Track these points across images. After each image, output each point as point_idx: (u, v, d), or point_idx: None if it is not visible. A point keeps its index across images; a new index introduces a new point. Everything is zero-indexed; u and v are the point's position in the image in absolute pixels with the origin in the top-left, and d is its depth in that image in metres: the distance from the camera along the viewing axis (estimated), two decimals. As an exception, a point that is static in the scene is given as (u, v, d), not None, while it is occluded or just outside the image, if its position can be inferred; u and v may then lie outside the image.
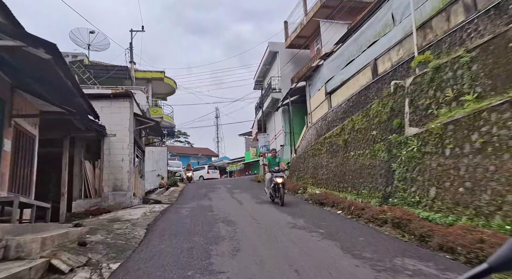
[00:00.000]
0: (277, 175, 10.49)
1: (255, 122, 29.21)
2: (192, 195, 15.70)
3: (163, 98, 30.23)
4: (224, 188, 17.97)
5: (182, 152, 56.97)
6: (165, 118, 26.73)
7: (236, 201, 12.16)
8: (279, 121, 24.10)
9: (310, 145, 17.46)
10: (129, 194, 12.80)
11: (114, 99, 13.42)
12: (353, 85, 13.59)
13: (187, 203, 12.35)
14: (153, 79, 26.84)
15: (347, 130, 12.54)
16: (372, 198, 9.56)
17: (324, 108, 16.29)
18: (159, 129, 15.55)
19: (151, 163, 23.10)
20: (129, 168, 13.02)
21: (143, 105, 23.54)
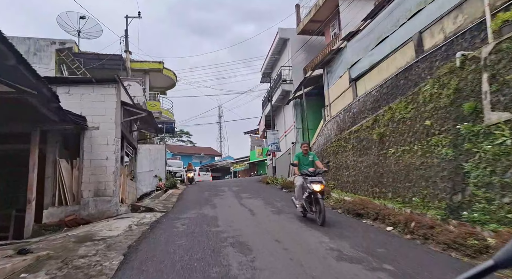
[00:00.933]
0: (313, 180, 7.22)
1: (262, 118, 26.83)
2: (192, 200, 13.33)
3: (162, 92, 27.88)
4: (229, 192, 15.59)
5: (184, 151, 54.70)
6: (164, 114, 24.38)
7: (246, 210, 9.76)
8: (289, 116, 21.71)
9: (329, 141, 15.06)
10: (114, 200, 10.45)
11: (97, 85, 11.06)
12: (388, 68, 11.18)
13: (186, 212, 9.97)
14: (151, 71, 24.49)
15: (383, 122, 10.13)
16: (429, 209, 7.15)
17: (347, 98, 13.88)
18: (152, 122, 13.18)
19: (147, 163, 20.81)
20: (115, 168, 10.67)
21: (139, 97, 21.20)
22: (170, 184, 20.26)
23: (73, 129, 10.32)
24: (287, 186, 16.61)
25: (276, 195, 13.79)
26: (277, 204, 10.72)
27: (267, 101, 25.52)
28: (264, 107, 26.48)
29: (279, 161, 22.49)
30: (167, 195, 16.04)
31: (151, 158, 20.96)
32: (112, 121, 10.95)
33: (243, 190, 16.24)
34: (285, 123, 23.13)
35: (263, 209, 9.92)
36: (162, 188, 19.62)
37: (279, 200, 11.95)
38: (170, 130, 23.56)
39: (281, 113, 23.74)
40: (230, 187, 18.27)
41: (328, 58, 15.29)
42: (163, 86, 27.43)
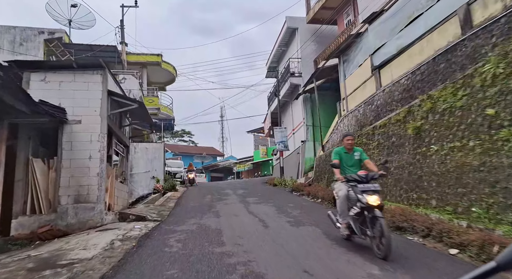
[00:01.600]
0: (366, 189, 5.02)
1: (268, 115, 25.14)
2: (192, 206, 11.64)
3: (161, 88, 26.23)
4: (234, 196, 13.91)
5: (185, 151, 53.09)
6: (162, 110, 22.73)
7: (256, 220, 8.06)
8: (298, 112, 20.01)
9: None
10: (99, 208, 8.78)
11: (80, 71, 9.39)
12: (422, 51, 9.46)
13: (183, 222, 8.28)
14: (149, 64, 22.83)
15: (419, 114, 8.42)
16: (499, 224, 5.45)
17: (368, 89, 12.17)
18: (145, 115, 11.48)
19: (144, 163, 19.17)
20: (100, 169, 9.00)
21: (135, 92, 19.57)
22: (169, 186, 18.59)
23: (50, 123, 8.66)
24: (298, 189, 14.93)
25: (288, 200, 12.10)
26: (293, 212, 9.02)
27: (273, 96, 23.83)
28: (270, 103, 24.80)
29: (287, 161, 20.81)
30: (164, 199, 14.37)
31: (148, 158, 19.31)
32: (96, 113, 9.27)
33: (249, 194, 14.56)
34: (293, 120, 21.43)
35: (276, 218, 8.21)
36: (160, 191, 17.97)
37: (293, 206, 10.25)
38: (169, 128, 21.91)
39: (289, 109, 22.04)
40: (235, 190, 16.59)
41: (345, 45, 13.59)
42: (162, 81, 25.77)
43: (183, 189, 19.42)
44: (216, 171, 46.84)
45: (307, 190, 13.74)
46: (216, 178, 45.77)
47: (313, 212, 8.96)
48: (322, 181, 14.89)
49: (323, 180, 14.83)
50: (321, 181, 15.15)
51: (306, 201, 11.78)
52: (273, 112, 24.20)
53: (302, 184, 15.47)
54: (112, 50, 20.18)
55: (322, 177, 15.12)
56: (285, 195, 14.10)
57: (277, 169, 24.37)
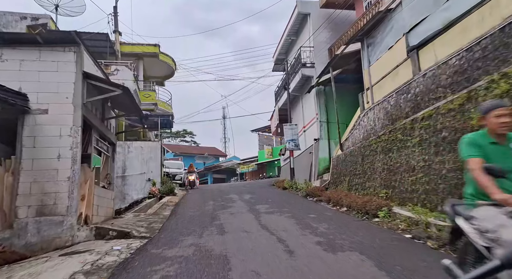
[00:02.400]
0: None
1: (275, 112, 23.12)
2: (191, 215, 9.63)
3: (159, 83, 24.27)
4: (240, 202, 11.91)
5: (187, 151, 51.17)
6: (160, 106, 20.75)
7: (273, 240, 6.04)
8: (310, 108, 17.99)
9: (372, 135, 11.34)
10: (69, 222, 6.80)
11: (47, 48, 7.42)
12: (482, 21, 7.45)
13: (177, 243, 6.28)
14: (145, 56, 20.86)
15: (488, 99, 6.38)
16: None
17: (402, 75, 10.15)
18: (133, 105, 9.41)
19: (139, 164, 17.25)
20: (72, 172, 7.02)
21: (129, 85, 17.61)
22: (166, 190, 16.63)
23: (6, 113, 6.69)
24: (314, 193, 12.91)
25: (306, 208, 10.09)
26: (319, 227, 6.99)
27: (281, 91, 21.81)
28: (277, 98, 22.77)
29: (297, 162, 18.79)
30: (159, 206, 12.38)
31: (143, 158, 17.36)
32: (68, 101, 7.31)
33: (258, 199, 12.55)
34: (304, 116, 19.40)
35: (300, 237, 6.19)
36: (156, 195, 16.01)
37: (316, 218, 8.23)
38: (167, 125, 19.94)
39: (299, 104, 20.01)
40: (240, 194, 14.58)
41: (370, 25, 11.57)
42: (160, 75, 23.81)
43: (182, 193, 17.44)
44: (219, 172, 44.84)
45: (326, 195, 11.71)
46: (219, 180, 43.78)
47: (346, 228, 6.93)
48: (342, 185, 12.87)
49: (343, 184, 12.81)
50: (340, 185, 13.13)
51: (328, 210, 9.75)
52: (281, 108, 22.18)
53: (318, 188, 13.45)
54: (103, 38, 18.24)
55: (342, 180, 13.10)
56: (300, 201, 12.09)
57: (286, 170, 22.33)
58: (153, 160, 17.47)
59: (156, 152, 17.60)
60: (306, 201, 12.21)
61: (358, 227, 6.94)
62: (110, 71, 17.34)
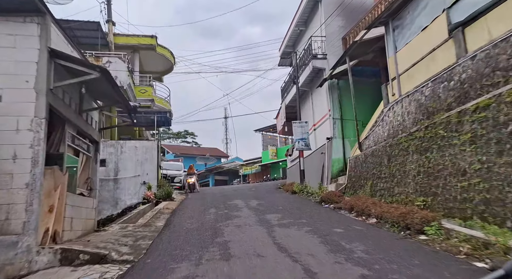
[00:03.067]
0: None
1: (281, 109, 21.45)
2: (188, 228, 7.97)
3: (157, 79, 22.65)
4: (247, 210, 10.25)
5: (187, 152, 49.61)
6: (157, 102, 19.15)
7: (300, 272, 4.36)
8: (322, 103, 16.34)
9: (402, 132, 9.69)
10: (25, 243, 5.19)
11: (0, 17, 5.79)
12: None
13: (166, 273, 4.62)
14: (141, 48, 19.25)
15: None
16: None
17: (442, 59, 8.50)
18: (115, 92, 7.61)
19: (133, 165, 15.67)
20: (33, 177, 5.41)
21: (122, 79, 16.04)
22: (163, 194, 14.99)
23: None
24: (330, 199, 11.27)
25: (326, 218, 8.45)
26: (353, 249, 5.33)
27: (288, 86, 20.16)
28: (284, 94, 21.10)
29: (308, 163, 17.09)
30: (153, 214, 10.75)
31: (137, 159, 15.77)
32: (29, 85, 5.69)
33: (266, 206, 10.90)
34: (314, 113, 17.74)
35: (333, 265, 4.53)
36: (151, 200, 14.39)
37: (344, 233, 6.57)
38: (165, 123, 18.31)
39: (308, 101, 18.35)
40: (246, 199, 12.94)
41: (398, 5, 9.93)
42: (158, 70, 22.20)
43: (181, 198, 15.80)
44: (221, 174, 43.20)
45: (347, 202, 10.05)
46: (221, 182, 42.14)
47: (390, 250, 5.26)
48: (362, 190, 11.21)
49: (364, 188, 11.16)
50: (359, 190, 11.48)
51: (353, 222, 8.10)
52: (289, 105, 20.52)
53: (334, 194, 11.78)
54: (94, 28, 16.63)
55: (362, 184, 11.44)
56: (315, 209, 10.43)
57: (293, 172, 20.67)
58: (149, 162, 15.86)
59: (152, 152, 15.98)
60: (322, 209, 10.55)
61: (406, 250, 5.28)
62: (101, 64, 15.76)
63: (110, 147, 15.49)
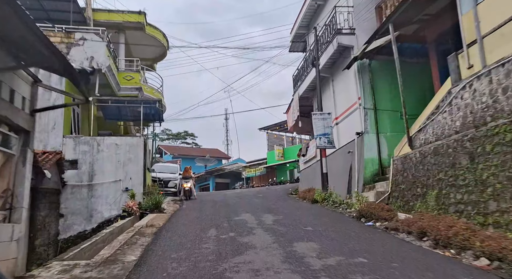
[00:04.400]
0: None
1: (293, 102, 18.24)
2: (176, 274, 4.77)
3: (149, 66, 19.46)
4: (262, 232, 7.05)
5: (186, 153, 46.55)
6: (147, 93, 15.98)
7: None
8: (348, 91, 13.18)
9: (491, 119, 6.52)
10: None
11: None
12: None
13: None
14: (127, 28, 16.12)
15: None
16: None
17: None
18: (37, 38, 4.24)
19: (113, 167, 12.57)
20: None
21: (101, 60, 12.94)
22: (150, 205, 11.84)
23: None
24: (374, 214, 8.12)
25: (394, 252, 5.29)
26: None
27: (303, 73, 16.99)
28: (297, 84, 17.91)
29: (330, 164, 13.82)
30: (126, 238, 7.56)
31: (118, 160, 12.65)
32: None
33: (289, 226, 7.69)
34: (336, 104, 14.58)
35: None
36: (135, 213, 11.26)
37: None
38: (155, 116, 15.16)
39: (328, 89, 15.17)
40: (257, 213, 9.77)
41: None
42: (149, 56, 19.07)
43: (173, 208, 12.63)
44: (222, 176, 40.00)
45: (408, 223, 6.84)
46: (222, 185, 38.94)
47: None
48: (421, 201, 8.05)
49: (423, 199, 8.00)
50: (415, 201, 8.31)
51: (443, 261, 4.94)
52: (303, 97, 17.39)
53: (379, 207, 8.58)
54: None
55: (419, 194, 8.27)
56: (360, 230, 7.25)
57: (308, 175, 17.52)
58: (133, 163, 12.75)
59: (137, 151, 12.85)
60: (369, 230, 7.37)
61: None
62: (73, 41, 12.63)
63: (84, 144, 12.37)
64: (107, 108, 14.54)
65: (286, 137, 35.08)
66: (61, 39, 12.42)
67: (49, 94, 12.06)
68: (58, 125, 12.01)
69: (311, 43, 16.18)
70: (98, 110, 15.08)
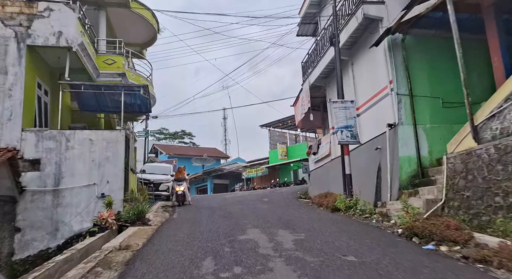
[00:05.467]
0: None
1: (303, 92, 15.82)
2: None
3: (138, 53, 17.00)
4: (285, 268, 4.61)
5: (182, 153, 44.17)
6: (132, 80, 13.54)
7: None
8: (376, 74, 10.80)
9: None
10: None
11: None
12: None
13: None
14: (109, 4, 13.66)
15: None
16: None
17: None
18: None
19: (85, 168, 10.15)
20: None
21: (71, 36, 10.54)
22: (132, 214, 9.45)
23: None
24: (437, 234, 5.74)
25: None
26: None
27: (315, 57, 14.60)
28: (307, 71, 15.50)
29: (356, 161, 11.32)
30: (89, 268, 5.17)
31: (93, 159, 10.26)
32: None
33: (321, 253, 5.29)
34: (356, 92, 12.20)
35: None
36: (110, 226, 8.88)
37: None
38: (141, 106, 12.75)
39: (347, 75, 12.71)
40: (269, 229, 7.37)
41: None
42: (137, 41, 16.65)
43: (160, 219, 10.23)
44: (220, 177, 37.59)
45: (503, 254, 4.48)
46: (220, 187, 36.52)
47: None
48: (504, 214, 5.67)
49: (507, 212, 5.62)
50: (494, 214, 5.93)
51: None
52: (314, 86, 15.00)
53: (440, 222, 6.21)
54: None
55: (499, 206, 5.89)
56: (428, 261, 4.87)
57: (320, 177, 15.15)
58: (112, 162, 10.36)
59: (116, 148, 10.46)
60: (438, 259, 5.00)
61: None
62: (36, 12, 10.21)
63: (49, 140, 9.97)
64: (83, 97, 12.12)
65: (290, 135, 32.72)
66: (20, 9, 10.02)
67: (4, 77, 9.68)
68: (16, 116, 9.61)
69: (324, 24, 13.79)
70: (72, 100, 12.67)
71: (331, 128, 14.71)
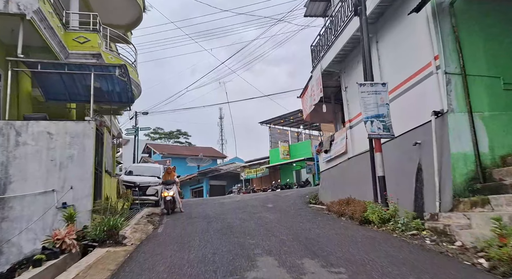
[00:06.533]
0: None
1: (314, 80, 13.56)
2: None
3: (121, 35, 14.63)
4: None
5: (177, 152, 41.86)
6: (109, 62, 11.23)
7: None
8: (413, 48, 8.61)
9: None
10: None
11: None
12: None
13: None
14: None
15: None
16: None
17: None
18: None
19: (42, 170, 7.72)
20: None
21: (23, 2, 8.25)
22: (100, 231, 7.17)
23: None
24: None
25: None
26: None
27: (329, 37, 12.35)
28: (319, 55, 13.24)
29: (385, 160, 9.01)
30: None
31: (52, 158, 7.89)
32: None
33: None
34: (383, 75, 9.97)
35: None
36: (68, 248, 6.56)
37: None
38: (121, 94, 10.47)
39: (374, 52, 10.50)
40: (290, 259, 5.09)
41: None
42: (120, 23, 14.32)
43: (141, 234, 7.95)
44: (217, 178, 35.29)
45: None
46: (217, 188, 34.23)
47: None
48: None
49: None
50: None
51: None
52: (327, 72, 12.77)
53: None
54: None
55: None
56: None
57: (333, 179, 12.92)
58: (77, 163, 8.03)
59: (83, 144, 8.15)
60: None
61: None
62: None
63: (-6, 133, 7.60)
64: (47, 82, 9.81)
65: (291, 132, 30.54)
66: (-45, -37, 7.67)
67: None
68: None
69: None
70: (34, 87, 10.33)
71: (347, 122, 12.49)
